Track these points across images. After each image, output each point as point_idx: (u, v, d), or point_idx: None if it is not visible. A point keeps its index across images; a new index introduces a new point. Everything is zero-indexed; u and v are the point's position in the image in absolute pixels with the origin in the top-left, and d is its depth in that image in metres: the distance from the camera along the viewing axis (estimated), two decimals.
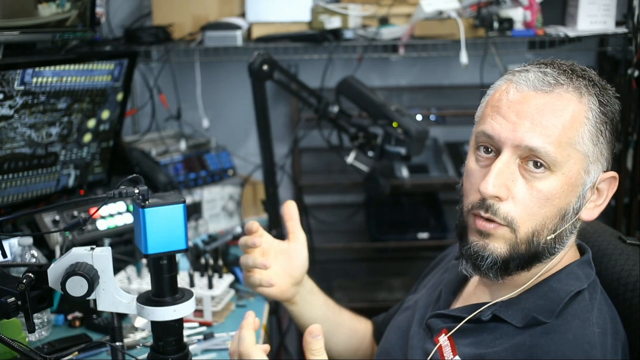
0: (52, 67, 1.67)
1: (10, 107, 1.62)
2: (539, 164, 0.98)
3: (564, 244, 1.03)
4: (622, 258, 1.13)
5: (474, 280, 1.16)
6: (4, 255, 1.04)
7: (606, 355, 0.95)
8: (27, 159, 1.72)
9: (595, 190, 1.02)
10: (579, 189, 1.00)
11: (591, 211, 1.03)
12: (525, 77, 1.01)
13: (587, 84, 1.01)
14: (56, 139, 1.79)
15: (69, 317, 1.58)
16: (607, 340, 0.97)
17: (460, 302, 1.16)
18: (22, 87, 1.62)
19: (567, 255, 1.06)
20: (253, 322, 1.05)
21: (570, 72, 1.02)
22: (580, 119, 0.98)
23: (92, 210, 1.83)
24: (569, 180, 0.98)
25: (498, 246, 1.01)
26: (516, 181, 0.99)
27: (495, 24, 2.19)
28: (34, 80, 1.64)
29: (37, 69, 1.63)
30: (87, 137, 1.89)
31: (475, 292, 1.13)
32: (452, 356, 1.03)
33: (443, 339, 1.07)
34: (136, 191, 0.98)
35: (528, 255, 1.01)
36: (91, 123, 1.88)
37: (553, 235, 1.00)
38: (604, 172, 1.03)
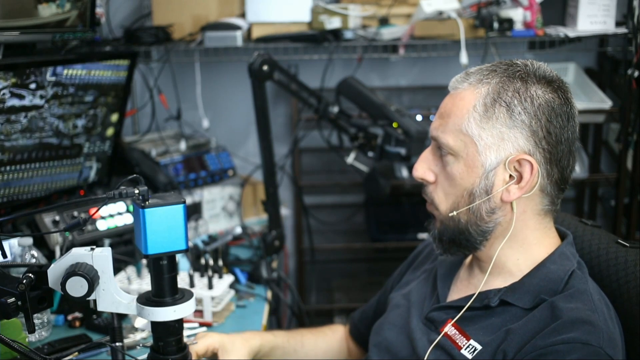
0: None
1: (42, 97, 1.67)
2: (445, 151, 1.12)
3: (492, 222, 1.11)
4: (621, 261, 1.16)
5: (463, 270, 1.24)
6: (4, 256, 1.05)
7: (607, 321, 1.04)
8: (53, 149, 1.78)
9: (515, 173, 1.08)
10: (479, 170, 1.10)
11: (509, 193, 1.09)
12: (453, 79, 1.15)
13: (501, 79, 1.09)
14: (81, 131, 1.84)
15: (69, 317, 1.58)
16: (603, 308, 1.07)
17: (455, 293, 1.22)
18: (53, 78, 1.68)
19: (552, 240, 1.15)
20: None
21: (489, 69, 1.11)
22: (468, 107, 1.10)
23: (92, 210, 1.83)
24: (468, 162, 1.10)
25: (436, 223, 1.18)
26: (438, 166, 1.15)
27: (495, 24, 2.19)
28: (65, 72, 1.71)
29: None
30: (110, 131, 1.92)
31: (471, 282, 1.20)
32: (465, 341, 1.12)
33: (449, 328, 1.15)
34: (136, 191, 0.98)
35: (455, 230, 1.14)
36: (114, 117, 1.92)
37: (467, 211, 1.11)
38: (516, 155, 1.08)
